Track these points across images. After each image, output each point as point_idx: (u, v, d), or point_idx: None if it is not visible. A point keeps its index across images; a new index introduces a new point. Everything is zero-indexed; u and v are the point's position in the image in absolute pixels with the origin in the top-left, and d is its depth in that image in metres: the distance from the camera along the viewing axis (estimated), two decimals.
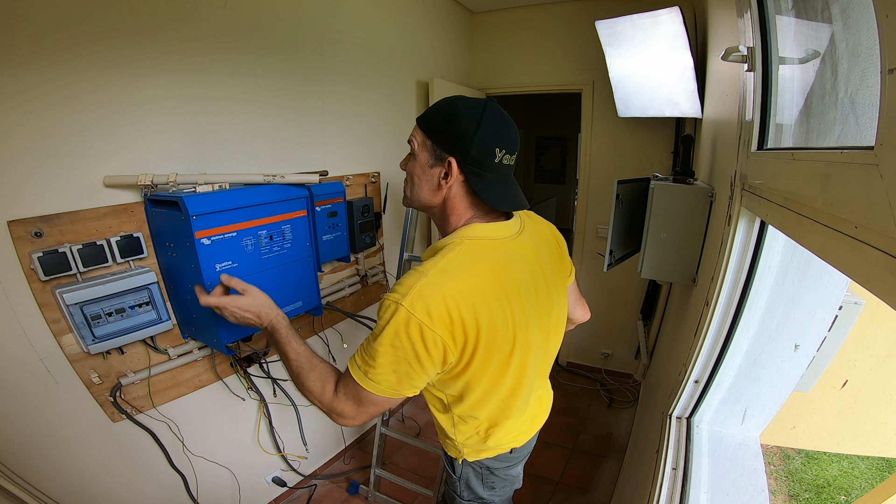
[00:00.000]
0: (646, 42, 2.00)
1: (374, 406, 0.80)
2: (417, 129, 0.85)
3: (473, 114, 0.78)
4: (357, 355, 0.79)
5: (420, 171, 0.85)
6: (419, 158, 0.85)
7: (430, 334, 0.72)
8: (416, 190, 0.87)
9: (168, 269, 1.33)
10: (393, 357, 0.74)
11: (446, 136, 0.80)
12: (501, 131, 0.79)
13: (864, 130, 0.60)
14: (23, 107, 1.04)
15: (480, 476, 1.06)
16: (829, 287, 0.99)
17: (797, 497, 2.20)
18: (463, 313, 0.74)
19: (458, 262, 0.77)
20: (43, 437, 1.18)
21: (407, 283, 0.74)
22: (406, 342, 0.73)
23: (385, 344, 0.74)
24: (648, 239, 1.55)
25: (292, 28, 1.68)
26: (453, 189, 0.83)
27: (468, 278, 0.76)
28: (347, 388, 0.80)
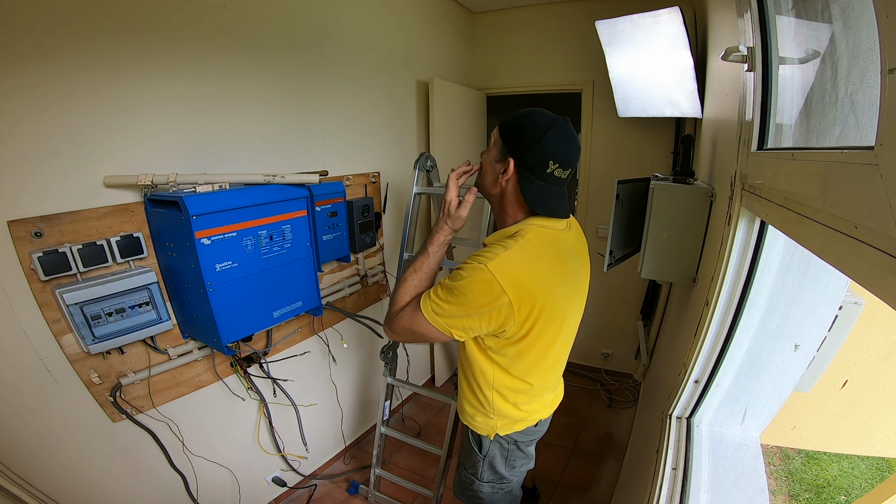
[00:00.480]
0: (646, 42, 2.00)
1: (423, 330, 0.94)
2: (496, 129, 0.99)
3: (539, 127, 0.91)
4: (432, 291, 0.94)
5: (488, 164, 1.00)
6: (491, 152, 1.00)
7: (503, 299, 0.87)
8: (481, 178, 1.04)
9: (168, 269, 1.34)
10: (462, 302, 0.88)
11: (512, 141, 0.94)
12: (559, 148, 0.91)
13: (864, 130, 0.60)
14: (23, 106, 1.04)
15: (506, 453, 1.19)
16: (829, 287, 0.99)
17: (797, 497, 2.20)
18: (532, 287, 0.89)
19: (533, 244, 0.92)
20: (43, 437, 1.18)
21: (493, 252, 0.89)
22: (480, 297, 0.87)
23: (461, 291, 0.88)
24: (648, 239, 1.55)
25: (292, 28, 1.68)
26: (509, 185, 0.97)
27: (540, 258, 0.92)
28: (415, 310, 0.94)
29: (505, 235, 0.96)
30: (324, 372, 2.08)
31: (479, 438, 1.19)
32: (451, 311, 0.90)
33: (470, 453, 1.23)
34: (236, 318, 1.34)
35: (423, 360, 2.93)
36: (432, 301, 0.92)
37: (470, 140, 2.85)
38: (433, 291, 0.94)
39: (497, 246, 0.90)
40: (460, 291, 0.88)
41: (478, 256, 0.89)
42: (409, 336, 0.98)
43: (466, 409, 1.17)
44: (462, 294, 0.88)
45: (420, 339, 0.97)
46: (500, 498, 1.29)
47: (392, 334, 1.00)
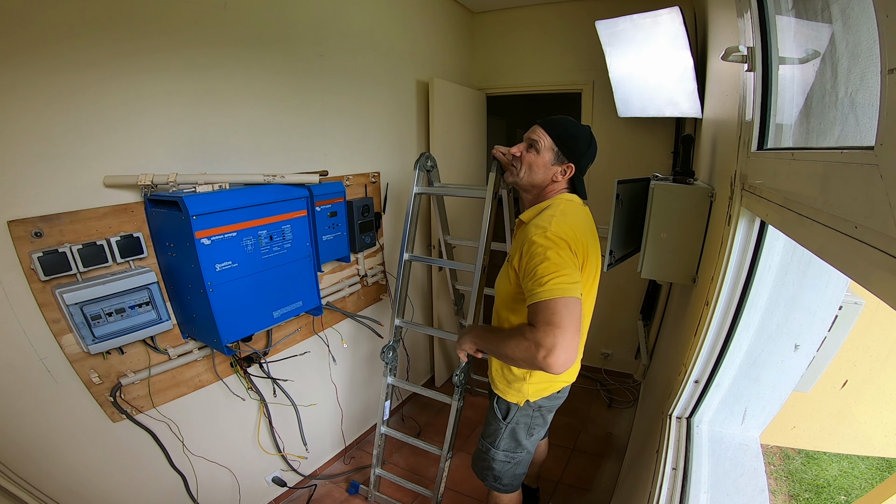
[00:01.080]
0: (646, 42, 2.00)
1: (577, 315, 0.95)
2: (545, 134, 1.17)
3: (587, 138, 1.19)
4: (537, 286, 0.98)
5: (541, 165, 1.18)
6: (543, 156, 1.18)
7: (573, 245, 1.03)
8: (532, 176, 1.20)
9: (168, 269, 1.33)
10: (563, 263, 0.98)
11: (570, 149, 1.17)
12: (595, 152, 1.22)
13: (864, 130, 0.60)
14: (23, 106, 1.04)
15: (528, 420, 1.32)
16: (829, 287, 0.99)
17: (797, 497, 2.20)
18: (581, 238, 1.07)
19: (569, 210, 1.14)
20: (43, 437, 1.18)
21: (544, 222, 1.06)
22: (565, 251, 1.01)
23: (553, 259, 0.98)
24: (648, 239, 1.55)
25: (292, 28, 1.68)
26: (562, 179, 1.20)
27: (578, 218, 1.14)
28: (548, 316, 0.94)
29: (539, 210, 1.17)
30: (324, 372, 2.08)
31: (508, 406, 1.31)
32: (569, 276, 0.97)
33: (492, 422, 1.36)
34: (236, 318, 1.34)
35: (423, 360, 2.93)
36: (548, 288, 0.95)
37: (470, 140, 2.86)
38: (538, 286, 0.97)
39: (545, 216, 1.10)
40: (551, 259, 0.98)
41: (537, 225, 1.06)
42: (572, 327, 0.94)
43: (504, 376, 1.29)
44: (557, 257, 0.99)
45: (578, 323, 0.95)
46: (508, 470, 1.39)
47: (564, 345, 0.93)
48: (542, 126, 1.18)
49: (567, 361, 0.92)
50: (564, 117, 1.19)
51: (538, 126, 1.19)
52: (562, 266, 0.97)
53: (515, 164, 1.23)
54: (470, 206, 2.83)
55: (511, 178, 1.27)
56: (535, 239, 1.02)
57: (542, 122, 1.19)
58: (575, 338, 0.93)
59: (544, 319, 0.94)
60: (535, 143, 1.18)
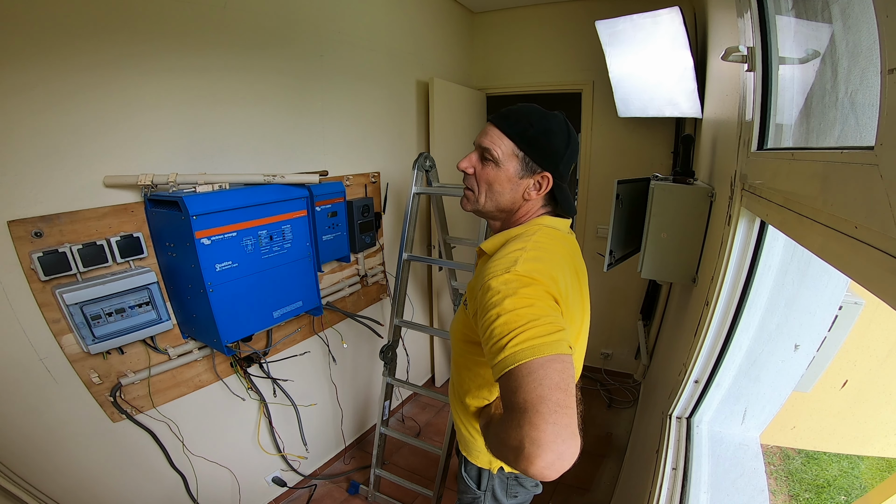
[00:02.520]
0: (646, 42, 2.00)
1: (562, 380, 0.59)
2: (502, 136, 0.82)
3: (563, 131, 0.82)
4: (496, 352, 0.63)
5: (505, 181, 0.84)
6: (506, 168, 0.83)
7: (549, 286, 0.70)
8: (496, 198, 0.86)
9: (168, 269, 1.34)
10: (533, 311, 0.65)
11: (541, 151, 0.81)
12: (577, 147, 0.85)
13: (864, 130, 0.60)
14: (22, 106, 1.04)
15: (505, 486, 1.06)
16: (829, 287, 0.99)
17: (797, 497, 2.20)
18: (557, 280, 0.74)
19: (545, 242, 0.80)
20: (43, 437, 1.18)
21: (506, 260, 0.73)
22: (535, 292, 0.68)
23: (513, 307, 0.65)
24: (648, 239, 1.55)
25: (292, 28, 1.68)
26: (537, 196, 0.86)
27: (556, 252, 0.80)
28: (510, 397, 0.60)
29: (507, 238, 0.84)
30: (324, 372, 2.08)
31: (478, 473, 1.04)
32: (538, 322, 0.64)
33: (466, 490, 1.09)
34: (236, 318, 1.34)
35: (423, 360, 2.93)
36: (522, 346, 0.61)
37: (470, 140, 2.85)
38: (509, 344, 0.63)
39: (511, 251, 0.76)
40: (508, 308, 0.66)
41: (498, 265, 0.73)
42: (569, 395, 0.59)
43: (464, 433, 1.02)
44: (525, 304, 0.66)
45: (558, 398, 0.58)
46: None
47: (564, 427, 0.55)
48: (496, 123, 0.83)
49: (555, 461, 0.54)
50: (525, 106, 0.84)
51: (490, 124, 0.84)
52: (529, 315, 0.64)
53: (471, 185, 0.88)
54: None
55: (470, 207, 0.90)
56: (491, 283, 0.69)
57: (495, 117, 0.84)
58: (561, 417, 0.55)
59: (508, 403, 0.61)
60: (488, 151, 0.82)
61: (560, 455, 0.54)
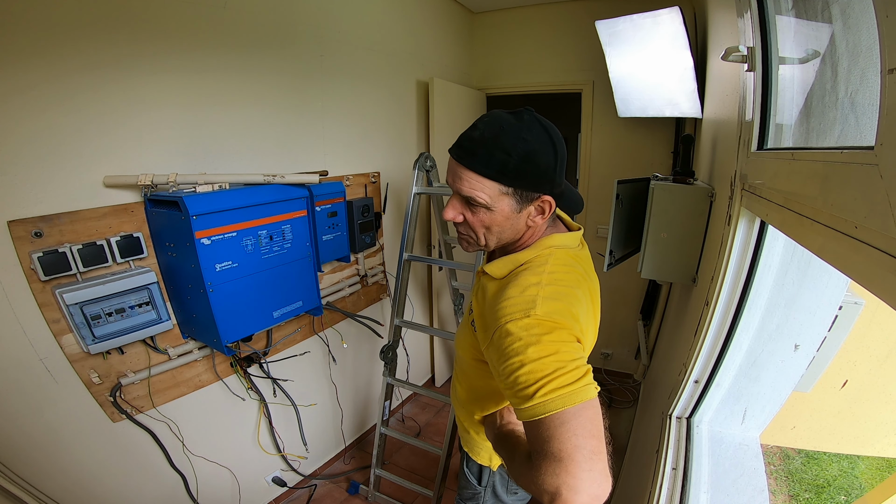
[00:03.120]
0: (646, 42, 2.00)
1: (592, 427, 0.60)
2: (480, 178, 0.73)
3: (544, 141, 0.73)
4: (522, 399, 0.62)
5: (503, 220, 0.78)
6: (499, 209, 0.76)
7: (572, 335, 0.68)
8: (499, 236, 0.81)
9: (168, 269, 1.33)
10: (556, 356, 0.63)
11: (532, 178, 0.73)
12: (564, 147, 0.76)
13: (864, 130, 0.60)
14: (23, 107, 1.04)
15: (506, 482, 1.07)
16: (829, 287, 0.99)
17: (797, 497, 2.20)
18: (578, 316, 0.71)
19: (560, 272, 0.75)
20: (43, 437, 1.18)
21: (526, 295, 0.69)
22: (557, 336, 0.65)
23: (537, 355, 0.63)
24: (648, 239, 1.55)
25: (292, 28, 1.68)
26: (541, 217, 0.80)
27: (571, 283, 0.75)
28: (543, 446, 0.60)
29: (515, 264, 0.79)
30: (324, 372, 2.08)
31: (479, 469, 1.06)
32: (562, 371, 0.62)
33: (466, 486, 1.10)
34: (236, 318, 1.34)
35: (423, 360, 2.93)
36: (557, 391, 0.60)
37: None
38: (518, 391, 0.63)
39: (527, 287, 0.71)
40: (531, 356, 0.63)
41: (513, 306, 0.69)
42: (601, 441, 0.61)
43: (468, 430, 1.03)
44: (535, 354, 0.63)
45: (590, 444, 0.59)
46: None
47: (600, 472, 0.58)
48: (465, 164, 0.74)
49: (591, 502, 0.57)
50: (489, 126, 0.73)
51: (459, 165, 0.75)
52: (555, 363, 0.62)
53: (465, 232, 0.82)
54: None
55: (473, 249, 0.85)
56: (510, 328, 0.66)
57: (460, 153, 0.75)
58: (596, 463, 0.58)
59: (540, 450, 0.60)
60: (472, 199, 0.75)
61: (595, 497, 0.57)
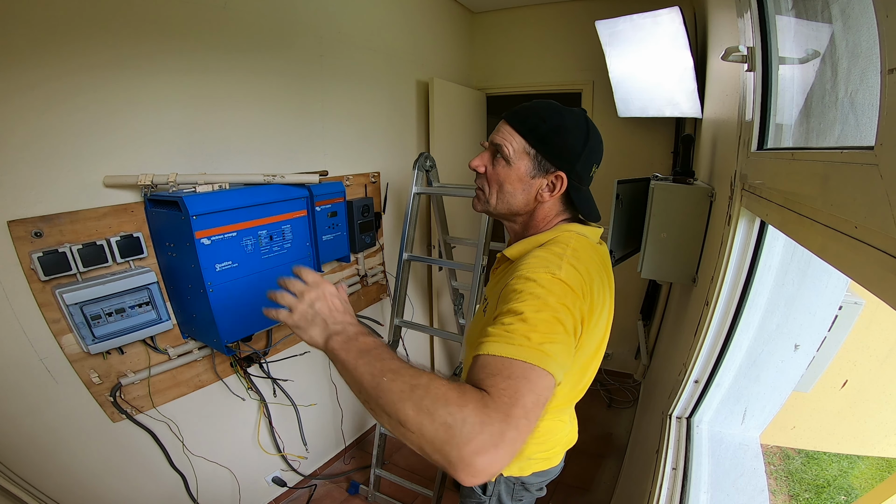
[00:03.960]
0: (646, 42, 2.00)
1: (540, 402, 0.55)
2: (514, 133, 0.78)
3: (580, 127, 0.78)
4: (501, 330, 0.59)
5: (517, 180, 0.80)
6: (517, 167, 0.79)
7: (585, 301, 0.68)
8: (507, 199, 0.82)
9: (168, 269, 1.33)
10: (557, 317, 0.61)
11: (555, 149, 0.77)
12: (599, 147, 0.81)
13: (864, 130, 0.60)
14: (23, 107, 1.04)
15: (511, 491, 1.04)
16: (829, 287, 0.99)
17: (797, 497, 2.20)
18: (592, 294, 0.71)
19: (582, 251, 0.75)
20: (43, 437, 1.18)
21: (551, 259, 0.69)
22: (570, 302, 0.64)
23: (545, 301, 0.61)
24: (648, 239, 1.55)
25: (292, 28, 1.68)
26: (553, 198, 0.81)
27: (591, 266, 0.74)
28: (502, 383, 0.54)
29: (536, 244, 0.78)
30: (324, 372, 2.08)
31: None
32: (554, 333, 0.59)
33: (472, 495, 1.06)
34: (236, 318, 1.34)
35: (423, 360, 2.93)
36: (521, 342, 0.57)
37: (470, 140, 2.85)
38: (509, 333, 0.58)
39: (551, 254, 0.71)
40: (540, 297, 0.62)
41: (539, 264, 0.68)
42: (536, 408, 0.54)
43: None
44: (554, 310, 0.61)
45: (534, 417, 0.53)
46: None
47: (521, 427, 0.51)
48: (508, 120, 0.79)
49: (491, 469, 0.49)
50: (543, 101, 0.80)
51: (503, 121, 0.81)
52: (556, 323, 0.60)
53: (482, 185, 0.85)
54: (469, 205, 2.83)
55: (480, 208, 0.87)
56: (531, 275, 0.65)
57: (508, 114, 0.81)
58: (523, 434, 0.51)
59: (479, 379, 0.56)
60: (500, 148, 0.79)
61: (500, 465, 0.49)
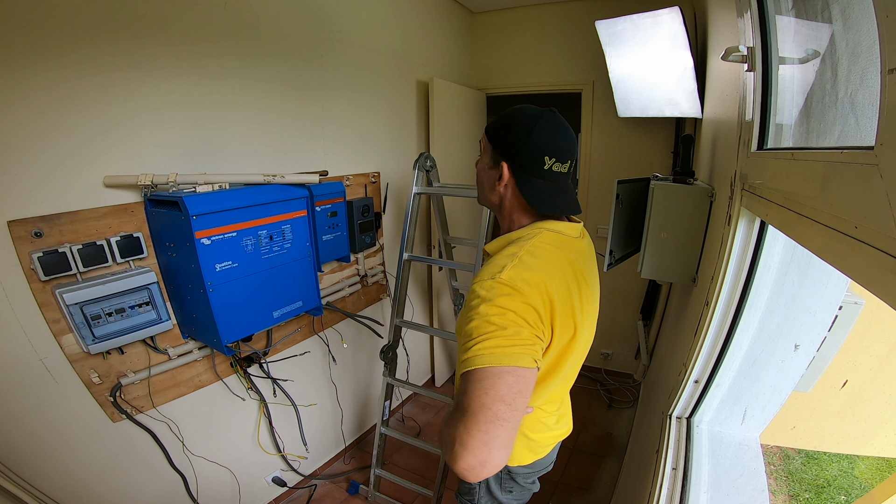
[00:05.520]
0: (646, 42, 2.00)
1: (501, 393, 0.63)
2: (484, 133, 0.91)
3: (526, 124, 0.83)
4: (460, 353, 0.70)
5: (482, 172, 0.93)
6: (483, 160, 0.92)
7: (531, 297, 0.72)
8: (482, 191, 0.94)
9: (168, 269, 1.33)
10: (501, 320, 0.69)
11: (501, 143, 0.86)
12: (553, 141, 0.83)
13: (864, 130, 0.60)
14: (24, 108, 1.04)
15: (499, 480, 1.08)
16: (829, 287, 0.99)
17: (797, 497, 2.20)
18: (547, 288, 0.75)
19: (542, 247, 0.81)
20: (43, 437, 1.18)
21: (499, 263, 0.76)
22: (512, 304, 0.70)
23: (485, 314, 0.69)
24: (648, 239, 1.55)
25: (292, 28, 1.68)
26: (508, 190, 0.88)
27: (552, 260, 0.80)
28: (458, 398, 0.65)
29: (508, 241, 0.86)
30: (324, 372, 2.08)
31: None
32: (500, 333, 0.68)
33: (463, 483, 1.12)
34: (236, 318, 1.34)
35: (423, 360, 2.93)
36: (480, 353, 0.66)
37: (470, 140, 2.85)
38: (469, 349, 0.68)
39: (503, 256, 0.79)
40: (481, 313, 0.69)
41: (486, 270, 0.76)
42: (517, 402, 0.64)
43: None
44: (496, 316, 0.69)
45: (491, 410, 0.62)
46: None
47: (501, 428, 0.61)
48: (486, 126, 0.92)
49: (477, 466, 0.59)
50: (513, 107, 0.89)
51: None
52: (497, 323, 0.68)
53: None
54: (469, 205, 2.83)
55: (479, 200, 1.01)
56: (475, 287, 0.74)
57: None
58: (495, 428, 0.60)
59: (455, 402, 0.66)
60: (480, 146, 0.93)
61: (483, 462, 0.59)
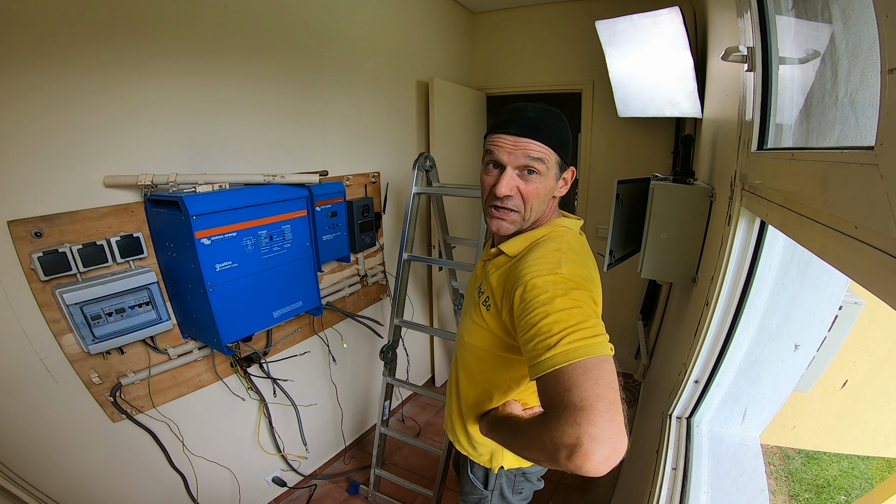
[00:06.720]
0: (646, 42, 2.00)
1: (611, 379, 0.64)
2: (544, 146, 0.80)
3: (565, 120, 0.85)
4: (542, 350, 0.65)
5: (547, 190, 0.84)
6: (549, 177, 0.83)
7: (592, 297, 0.73)
8: (539, 208, 0.86)
9: (168, 269, 1.34)
10: (582, 312, 0.68)
11: (570, 149, 0.86)
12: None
13: (864, 130, 0.60)
14: (24, 108, 1.04)
15: (512, 483, 1.07)
16: (829, 287, 0.99)
17: (797, 497, 2.20)
18: (595, 284, 0.77)
19: (575, 246, 0.83)
20: (43, 437, 1.18)
21: (549, 259, 0.76)
22: (583, 296, 0.71)
23: (565, 307, 0.67)
24: (648, 239, 1.55)
25: (292, 28, 1.68)
26: (563, 192, 0.89)
27: (586, 258, 0.83)
28: (563, 395, 0.61)
29: (532, 241, 0.84)
30: (324, 372, 2.08)
31: (485, 473, 1.05)
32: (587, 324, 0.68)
33: (471, 491, 1.08)
34: (236, 318, 1.34)
35: (423, 360, 2.93)
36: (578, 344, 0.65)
37: (470, 140, 2.85)
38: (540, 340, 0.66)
39: (550, 253, 0.78)
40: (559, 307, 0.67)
41: (540, 267, 0.74)
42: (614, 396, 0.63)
43: (467, 433, 1.00)
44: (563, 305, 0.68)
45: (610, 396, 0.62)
46: None
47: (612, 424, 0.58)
48: (534, 136, 0.79)
49: (611, 455, 0.57)
50: (533, 108, 0.83)
51: (523, 139, 0.80)
52: (580, 315, 0.67)
53: (516, 206, 0.84)
54: (469, 205, 2.83)
55: (515, 229, 0.87)
56: (536, 281, 0.71)
57: (525, 130, 0.80)
58: (616, 415, 0.59)
59: (560, 402, 0.61)
60: (539, 162, 0.80)
61: (616, 450, 0.57)
